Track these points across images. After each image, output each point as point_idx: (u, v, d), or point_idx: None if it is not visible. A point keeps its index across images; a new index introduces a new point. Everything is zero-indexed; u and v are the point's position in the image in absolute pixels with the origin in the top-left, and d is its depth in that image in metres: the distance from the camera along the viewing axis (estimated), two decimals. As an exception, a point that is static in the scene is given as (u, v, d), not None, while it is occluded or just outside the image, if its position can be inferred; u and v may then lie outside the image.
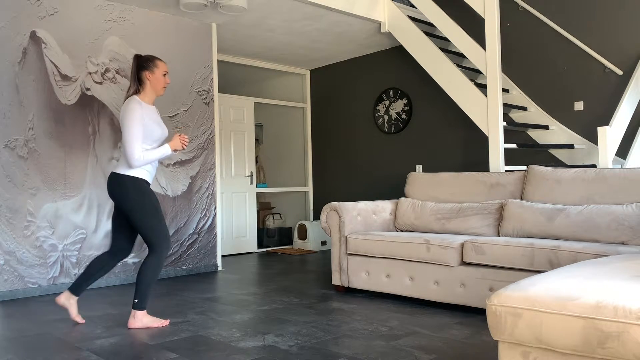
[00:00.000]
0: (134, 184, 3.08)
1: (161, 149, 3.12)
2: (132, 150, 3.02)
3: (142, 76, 3.18)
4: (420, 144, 6.05)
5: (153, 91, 3.21)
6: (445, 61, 4.92)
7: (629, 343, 1.39)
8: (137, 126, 3.03)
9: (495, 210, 3.79)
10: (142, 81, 3.19)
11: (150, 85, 3.19)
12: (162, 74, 3.21)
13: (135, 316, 3.13)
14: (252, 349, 2.68)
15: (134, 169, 3.09)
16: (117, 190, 3.10)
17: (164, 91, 3.25)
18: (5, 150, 4.11)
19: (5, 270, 4.08)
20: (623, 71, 4.60)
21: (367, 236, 3.91)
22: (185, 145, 3.21)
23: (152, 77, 3.18)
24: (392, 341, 2.76)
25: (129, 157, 3.02)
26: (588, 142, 4.78)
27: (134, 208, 3.07)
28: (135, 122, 3.03)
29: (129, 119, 3.03)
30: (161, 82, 3.21)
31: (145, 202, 3.08)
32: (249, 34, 5.70)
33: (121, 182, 3.08)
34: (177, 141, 3.18)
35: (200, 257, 5.19)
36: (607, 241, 3.20)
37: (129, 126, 3.02)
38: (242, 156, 6.66)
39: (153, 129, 3.13)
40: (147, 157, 3.06)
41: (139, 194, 3.08)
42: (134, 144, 3.02)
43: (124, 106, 3.10)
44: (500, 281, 3.22)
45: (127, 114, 3.05)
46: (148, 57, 3.21)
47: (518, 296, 1.60)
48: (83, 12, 4.54)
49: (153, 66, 3.19)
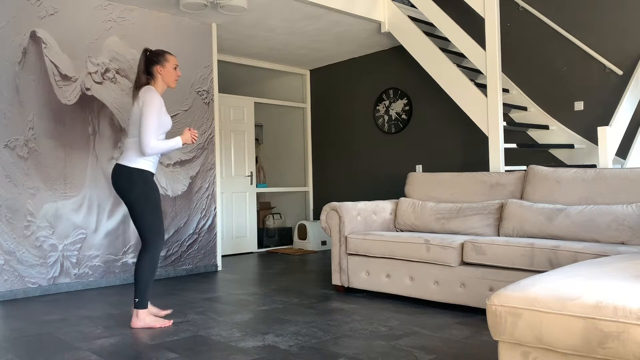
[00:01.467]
0: (141, 176, 3.10)
1: (173, 141, 3.14)
2: (149, 138, 3.03)
3: (153, 70, 3.19)
4: (420, 144, 6.05)
5: (164, 84, 3.24)
6: (445, 61, 4.92)
7: (629, 343, 1.39)
8: (156, 115, 3.07)
9: (495, 210, 3.79)
10: (152, 75, 3.20)
11: (162, 79, 3.21)
12: (172, 67, 3.23)
13: (137, 315, 3.13)
14: (252, 349, 2.68)
15: (139, 161, 3.10)
16: (122, 182, 3.10)
17: (175, 84, 3.28)
18: (5, 150, 4.11)
19: (5, 270, 4.08)
20: (623, 71, 4.60)
21: (367, 236, 3.91)
22: (195, 139, 3.23)
23: (164, 71, 3.20)
24: (392, 341, 2.76)
25: (145, 144, 3.02)
26: (588, 142, 4.78)
27: (136, 201, 3.09)
28: (155, 111, 3.06)
29: (150, 107, 3.04)
30: (173, 75, 3.24)
31: (148, 197, 3.10)
32: (249, 34, 5.70)
33: (129, 174, 3.09)
34: (187, 135, 3.21)
35: (200, 257, 5.19)
36: (607, 241, 3.20)
37: (149, 115, 3.03)
38: (242, 156, 6.66)
39: (165, 120, 3.17)
40: (160, 146, 3.08)
41: (145, 188, 3.10)
42: (151, 133, 3.03)
43: (144, 95, 3.09)
44: (500, 281, 3.23)
45: (149, 102, 3.05)
46: (158, 52, 3.23)
47: (518, 296, 1.60)
48: (83, 12, 4.54)
49: (164, 60, 3.21)
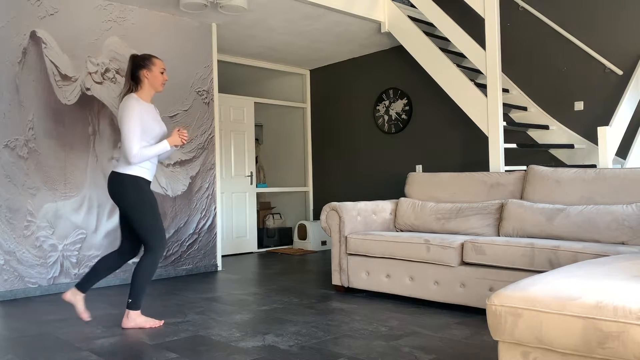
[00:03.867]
0: (133, 182, 3.08)
1: (159, 145, 3.11)
2: (131, 146, 3.01)
3: (140, 75, 3.19)
4: (420, 144, 6.05)
5: (152, 89, 3.22)
6: (445, 61, 4.92)
7: (629, 343, 1.39)
8: (136, 123, 3.04)
9: (495, 210, 3.79)
10: (139, 80, 3.19)
11: (149, 83, 3.20)
12: (159, 71, 3.22)
13: (128, 316, 3.13)
14: (252, 349, 2.68)
15: (133, 168, 3.09)
16: (116, 189, 3.11)
17: (162, 87, 3.26)
18: (5, 150, 4.11)
19: (5, 270, 4.08)
20: (623, 71, 4.60)
21: (367, 236, 3.91)
22: (185, 141, 3.18)
23: (150, 75, 3.19)
24: (392, 341, 2.76)
25: (128, 153, 3.02)
26: (588, 142, 4.78)
27: (131, 207, 3.07)
28: (133, 118, 3.03)
29: (127, 115, 3.04)
30: (159, 79, 3.22)
31: (143, 201, 3.08)
32: (249, 34, 5.70)
33: (120, 180, 3.08)
34: (175, 136, 3.16)
35: (200, 257, 5.19)
36: (607, 241, 3.20)
37: (127, 123, 3.02)
38: (242, 156, 6.66)
39: (152, 126, 3.13)
40: (146, 153, 3.05)
41: (137, 193, 3.08)
42: (132, 140, 3.02)
43: (121, 104, 3.11)
44: (500, 281, 3.22)
45: (125, 111, 3.05)
46: (144, 56, 3.23)
47: (518, 296, 1.60)
48: (83, 12, 4.54)
49: (150, 64, 3.20)
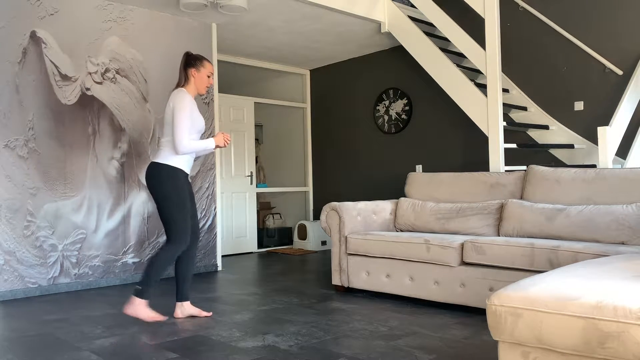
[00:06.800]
0: (171, 173, 3.20)
1: (206, 141, 3.25)
2: (182, 137, 3.13)
3: (188, 73, 3.32)
4: (420, 144, 6.05)
5: (196, 89, 3.35)
6: (445, 61, 4.92)
7: (629, 343, 1.39)
8: (187, 116, 3.17)
9: (495, 210, 3.79)
10: (187, 77, 3.32)
11: (195, 82, 3.33)
12: (207, 74, 3.35)
13: (133, 302, 3.17)
14: (252, 349, 2.68)
15: (172, 159, 3.20)
16: (153, 179, 3.21)
17: (205, 91, 3.39)
18: (5, 150, 4.11)
19: (5, 270, 4.08)
20: (623, 71, 4.60)
21: (367, 236, 3.91)
22: (228, 143, 3.33)
23: (197, 76, 3.32)
24: (392, 341, 2.76)
25: (178, 142, 3.13)
26: (588, 142, 4.78)
27: (163, 196, 3.18)
28: (186, 111, 3.17)
29: (181, 108, 3.16)
30: (205, 82, 3.36)
31: (176, 193, 3.19)
32: (249, 34, 5.70)
33: (159, 170, 3.20)
34: (220, 138, 3.31)
35: (200, 257, 5.19)
36: (607, 241, 3.20)
37: (180, 114, 3.15)
38: (242, 156, 6.66)
39: (198, 120, 3.27)
40: (193, 145, 3.19)
41: (174, 183, 3.19)
42: (183, 131, 3.14)
43: (173, 96, 3.22)
44: (500, 281, 3.23)
45: (179, 103, 3.17)
46: (197, 56, 3.36)
47: (518, 296, 1.60)
48: (83, 12, 4.54)
49: (200, 65, 3.33)
